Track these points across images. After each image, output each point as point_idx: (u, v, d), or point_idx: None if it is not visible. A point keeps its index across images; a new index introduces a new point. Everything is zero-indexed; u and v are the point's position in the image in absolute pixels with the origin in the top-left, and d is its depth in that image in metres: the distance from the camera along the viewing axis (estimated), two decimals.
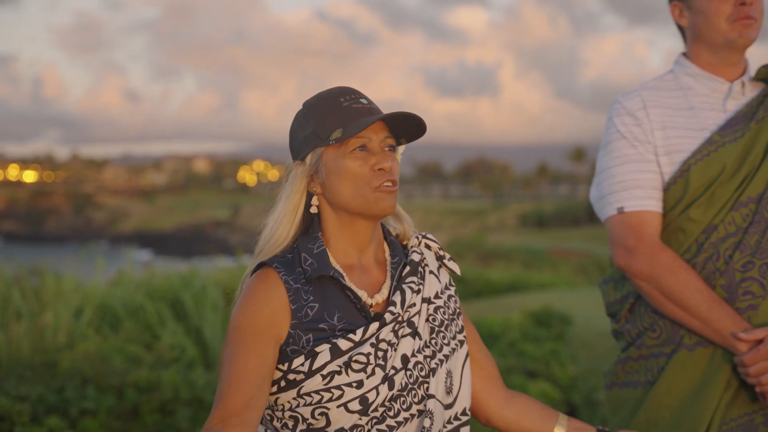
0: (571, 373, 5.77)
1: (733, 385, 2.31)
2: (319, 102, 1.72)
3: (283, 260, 1.69)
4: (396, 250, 1.80)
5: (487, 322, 6.75)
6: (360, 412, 1.63)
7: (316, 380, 1.62)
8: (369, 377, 1.63)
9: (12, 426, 3.70)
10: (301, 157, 1.72)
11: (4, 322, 5.13)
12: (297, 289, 1.66)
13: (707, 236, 2.34)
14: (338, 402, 1.62)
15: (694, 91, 2.47)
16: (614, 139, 2.47)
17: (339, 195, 1.69)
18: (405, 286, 1.73)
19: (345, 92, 1.72)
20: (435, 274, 1.81)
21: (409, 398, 1.68)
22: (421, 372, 1.71)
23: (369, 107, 1.71)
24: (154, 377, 4.20)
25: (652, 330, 2.41)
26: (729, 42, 2.40)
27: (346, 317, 1.67)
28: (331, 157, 1.69)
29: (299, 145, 1.74)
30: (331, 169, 1.69)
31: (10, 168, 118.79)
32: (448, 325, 1.78)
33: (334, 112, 1.69)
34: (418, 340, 1.71)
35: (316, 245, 1.70)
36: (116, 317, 5.77)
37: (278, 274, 1.67)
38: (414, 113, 1.67)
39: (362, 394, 1.63)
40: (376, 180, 1.68)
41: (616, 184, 2.43)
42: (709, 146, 2.37)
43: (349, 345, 1.64)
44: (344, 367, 1.62)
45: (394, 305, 1.69)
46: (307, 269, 1.68)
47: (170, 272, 7.25)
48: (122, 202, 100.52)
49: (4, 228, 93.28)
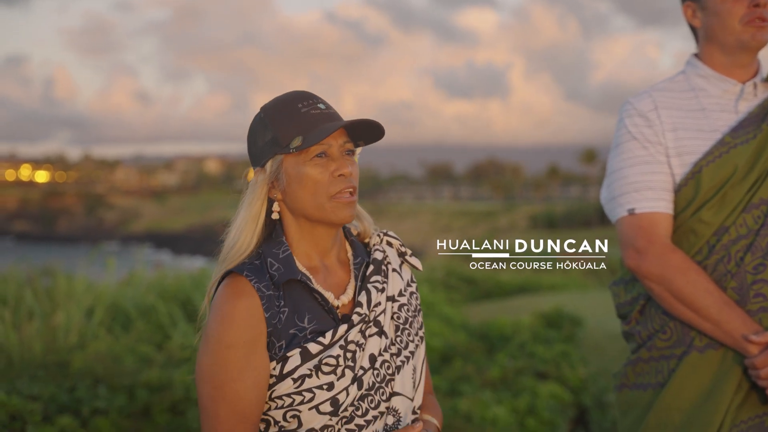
0: (581, 374, 5.76)
1: (743, 387, 2.31)
2: (277, 108, 1.72)
3: (252, 267, 1.69)
4: (358, 250, 1.82)
5: (498, 324, 6.74)
6: (331, 413, 1.64)
7: (287, 384, 1.64)
8: (339, 379, 1.65)
9: (24, 425, 3.72)
10: (261, 164, 1.72)
11: (17, 321, 5.16)
12: (270, 296, 1.66)
13: (718, 238, 2.33)
14: (310, 404, 1.64)
15: (705, 93, 2.46)
16: (625, 141, 2.46)
17: (299, 202, 1.70)
18: (370, 285, 1.75)
19: (303, 97, 1.72)
20: (398, 271, 1.82)
21: (377, 397, 1.70)
22: (388, 370, 1.73)
23: (327, 113, 1.71)
24: (165, 377, 4.21)
25: (662, 332, 2.40)
26: (742, 43, 2.40)
27: (316, 319, 1.68)
28: (291, 164, 1.69)
29: (259, 151, 1.73)
30: (292, 177, 1.69)
31: (23, 168, 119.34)
32: (411, 322, 1.80)
33: (294, 118, 1.69)
34: (384, 338, 1.73)
35: (282, 250, 1.71)
36: (128, 317, 5.79)
37: (250, 283, 1.66)
38: (373, 120, 1.68)
39: (333, 396, 1.64)
40: (334, 187, 1.68)
41: (627, 185, 2.43)
42: (721, 148, 2.36)
43: (318, 348, 1.65)
44: (315, 370, 1.63)
45: (360, 306, 1.71)
46: (275, 274, 1.68)
47: (181, 272, 7.27)
48: (134, 202, 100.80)
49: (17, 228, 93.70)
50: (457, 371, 5.51)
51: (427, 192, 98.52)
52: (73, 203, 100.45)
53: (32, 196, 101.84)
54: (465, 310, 9.11)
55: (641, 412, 2.42)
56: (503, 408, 4.77)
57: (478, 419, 4.59)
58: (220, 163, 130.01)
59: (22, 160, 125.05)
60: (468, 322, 7.54)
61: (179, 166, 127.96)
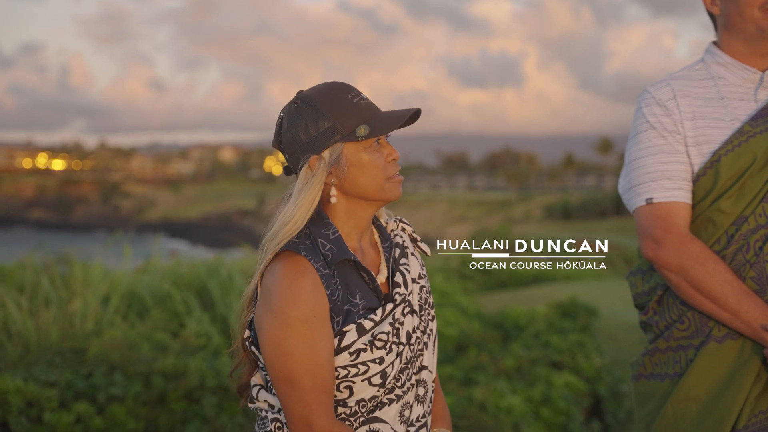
0: (596, 364, 5.75)
1: (762, 377, 2.29)
2: (329, 98, 1.81)
3: (306, 247, 1.78)
4: (384, 234, 1.96)
5: (513, 314, 6.73)
6: (379, 385, 1.78)
7: (344, 357, 1.75)
8: (388, 353, 1.78)
9: (41, 411, 3.75)
10: (318, 151, 1.80)
11: (34, 309, 5.19)
12: (327, 275, 1.76)
13: (737, 228, 2.31)
14: (363, 377, 1.77)
15: (724, 81, 2.44)
16: (643, 130, 2.44)
17: (359, 185, 1.82)
18: (402, 268, 1.89)
19: (347, 89, 1.84)
20: (415, 255, 1.97)
21: (411, 370, 1.85)
22: (419, 346, 1.88)
23: (371, 104, 1.85)
24: (181, 365, 4.23)
25: (680, 322, 2.39)
26: (761, 31, 2.37)
27: (365, 297, 1.81)
28: (351, 151, 1.81)
29: (314, 139, 1.80)
30: (353, 162, 1.81)
31: (39, 156, 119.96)
32: (429, 303, 1.96)
33: (350, 108, 1.81)
34: (416, 317, 1.88)
35: (331, 231, 1.81)
36: (143, 305, 5.82)
37: (310, 263, 1.75)
38: (419, 109, 1.83)
39: (383, 369, 1.78)
40: (391, 170, 1.84)
41: (645, 174, 2.41)
42: (740, 137, 2.34)
43: (371, 324, 1.78)
44: (369, 345, 1.76)
45: (398, 286, 1.85)
46: (328, 254, 1.78)
47: (197, 261, 7.29)
48: (149, 191, 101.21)
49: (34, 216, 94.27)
50: (471, 361, 5.51)
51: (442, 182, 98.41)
52: (89, 191, 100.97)
53: (49, 184, 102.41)
54: (480, 300, 9.11)
55: (658, 402, 2.41)
56: (518, 397, 4.77)
57: (492, 409, 4.59)
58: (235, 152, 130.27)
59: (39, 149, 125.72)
60: (483, 311, 7.53)
61: (194, 155, 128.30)
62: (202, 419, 4.04)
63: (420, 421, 1.86)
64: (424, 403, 1.88)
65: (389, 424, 1.81)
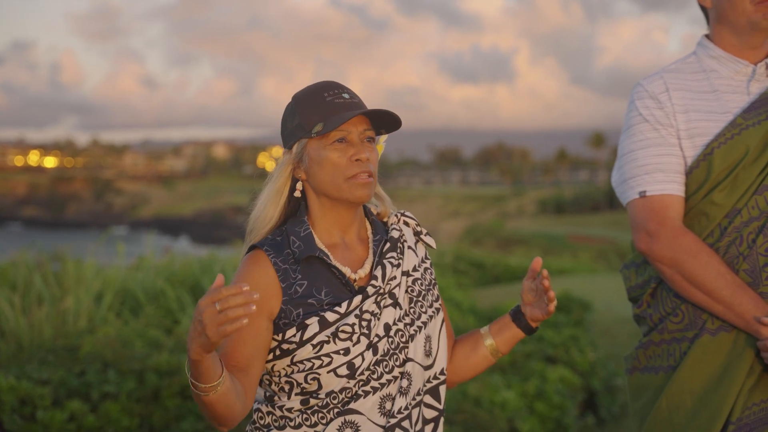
0: (590, 358, 5.76)
1: (756, 369, 2.29)
2: (305, 96, 1.90)
3: (272, 243, 1.89)
4: (377, 228, 1.99)
5: (507, 308, 6.74)
6: (348, 376, 1.81)
7: (307, 349, 1.81)
8: (354, 345, 1.82)
9: (34, 409, 3.74)
10: (289, 146, 1.92)
11: (26, 306, 5.18)
12: (285, 269, 1.85)
13: (730, 220, 2.32)
14: (328, 368, 1.81)
15: (717, 74, 2.44)
16: (636, 123, 2.44)
17: (319, 182, 1.88)
18: (386, 261, 1.91)
19: (329, 87, 1.90)
20: (413, 248, 1.99)
21: (391, 362, 1.87)
22: (402, 338, 1.89)
23: (350, 102, 1.88)
24: (175, 361, 4.22)
25: (674, 315, 2.39)
26: (753, 24, 2.37)
27: (333, 292, 1.85)
28: (314, 147, 1.88)
29: (287, 135, 1.93)
30: (313, 159, 1.88)
31: (31, 154, 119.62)
32: (425, 295, 1.96)
33: (318, 106, 1.87)
34: (398, 309, 1.89)
35: (303, 228, 1.90)
36: (137, 302, 5.81)
37: (267, 256, 1.86)
38: (387, 110, 1.86)
39: (349, 360, 1.81)
40: (351, 170, 1.86)
41: (638, 167, 2.41)
42: (733, 129, 2.34)
43: (335, 317, 1.82)
44: (332, 337, 1.81)
45: (375, 279, 1.88)
46: (296, 251, 1.86)
47: (190, 257, 7.29)
48: (142, 187, 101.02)
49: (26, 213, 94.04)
50: None
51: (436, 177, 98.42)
52: (81, 188, 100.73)
53: (41, 182, 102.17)
54: (474, 295, 9.12)
55: (652, 395, 2.42)
56: (512, 392, 4.77)
57: (487, 403, 4.59)
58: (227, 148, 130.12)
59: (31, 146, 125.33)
60: (477, 306, 7.54)
61: (187, 152, 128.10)
62: (196, 416, 4.04)
63: (402, 413, 1.86)
64: (407, 395, 1.87)
65: (365, 416, 1.83)
